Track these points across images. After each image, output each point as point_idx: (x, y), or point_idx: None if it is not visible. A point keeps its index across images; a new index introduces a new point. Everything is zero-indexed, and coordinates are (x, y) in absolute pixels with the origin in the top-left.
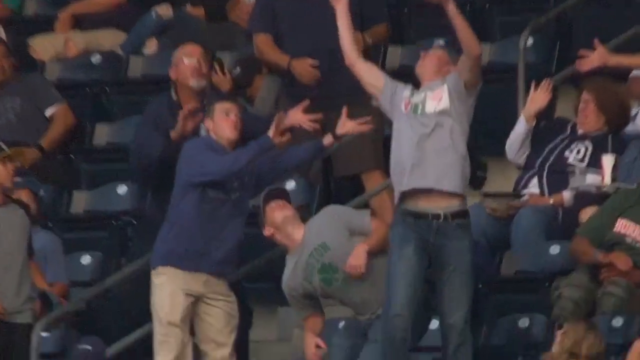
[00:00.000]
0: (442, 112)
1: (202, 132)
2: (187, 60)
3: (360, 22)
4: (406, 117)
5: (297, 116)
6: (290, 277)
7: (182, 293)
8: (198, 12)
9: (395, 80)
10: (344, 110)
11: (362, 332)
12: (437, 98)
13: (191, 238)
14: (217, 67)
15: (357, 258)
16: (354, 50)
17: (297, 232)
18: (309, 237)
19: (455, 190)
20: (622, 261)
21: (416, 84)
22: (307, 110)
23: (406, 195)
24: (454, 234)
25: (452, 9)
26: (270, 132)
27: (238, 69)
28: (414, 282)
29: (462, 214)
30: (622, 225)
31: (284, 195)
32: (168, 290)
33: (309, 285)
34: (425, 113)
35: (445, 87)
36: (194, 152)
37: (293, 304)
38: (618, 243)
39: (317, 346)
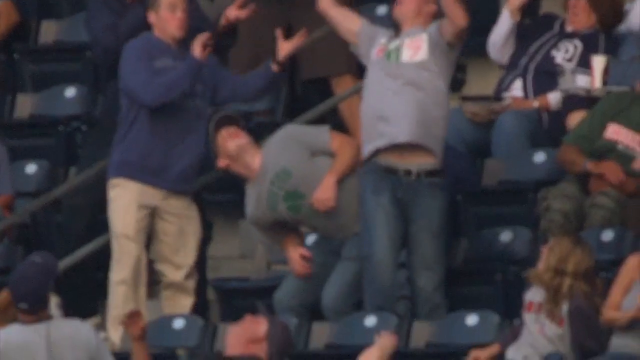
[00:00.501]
0: (420, 65)
1: None
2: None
3: None
4: (378, 65)
5: (233, 12)
6: (255, 208)
7: (135, 205)
8: None
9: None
10: (278, 33)
11: (333, 250)
12: (414, 47)
13: (146, 149)
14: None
15: (324, 191)
16: None
17: (254, 160)
18: (267, 163)
19: (430, 147)
20: (613, 171)
21: None
22: (269, 12)
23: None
24: (425, 191)
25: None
26: (195, 49)
27: None
28: (395, 236)
29: (436, 172)
30: (614, 131)
31: (235, 121)
32: (121, 202)
33: (275, 213)
34: (400, 62)
35: (425, 36)
36: (127, 71)
37: (264, 235)
38: (609, 150)
39: (303, 257)
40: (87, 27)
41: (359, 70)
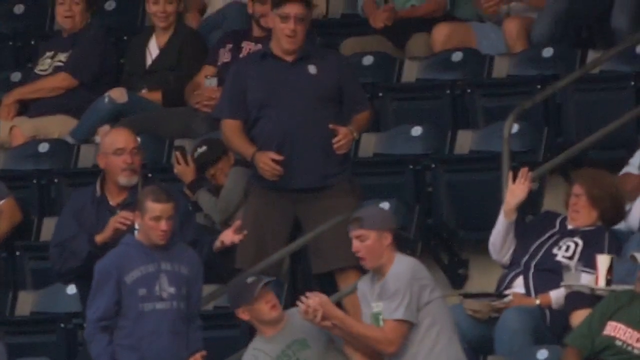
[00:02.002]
0: None
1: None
2: (118, 155)
3: (341, 110)
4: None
5: (229, 237)
6: (264, 355)
7: None
8: (155, 96)
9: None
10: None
11: None
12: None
13: (153, 358)
14: (179, 157)
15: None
16: None
17: (279, 323)
18: (290, 327)
19: None
20: None
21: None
22: (275, 203)
23: None
24: None
25: (336, 321)
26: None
27: (204, 148)
28: None
29: None
30: (612, 328)
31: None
32: None
33: None
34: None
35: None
36: (93, 288)
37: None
38: (608, 347)
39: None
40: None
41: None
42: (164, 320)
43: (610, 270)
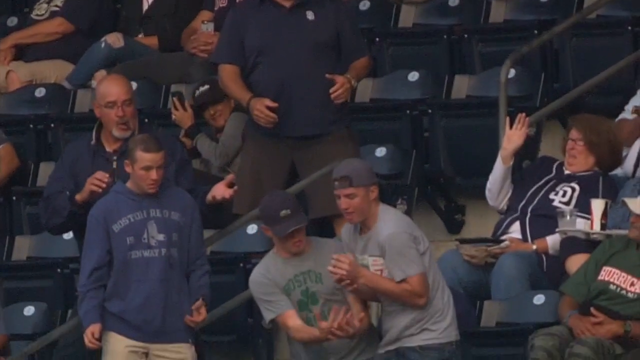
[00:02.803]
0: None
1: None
2: (110, 108)
3: (340, 57)
4: None
5: (220, 190)
6: (275, 270)
7: (125, 352)
8: (151, 41)
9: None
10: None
11: None
12: (378, 267)
13: (137, 306)
14: (176, 103)
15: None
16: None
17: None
18: (310, 257)
19: None
20: (580, 327)
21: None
22: (272, 149)
23: None
24: None
25: (363, 282)
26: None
27: (206, 87)
28: None
29: None
30: (607, 273)
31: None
32: (108, 352)
33: (283, 295)
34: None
35: (381, 260)
36: (85, 238)
37: (268, 299)
38: (602, 292)
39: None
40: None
41: None
42: (152, 268)
43: (604, 214)
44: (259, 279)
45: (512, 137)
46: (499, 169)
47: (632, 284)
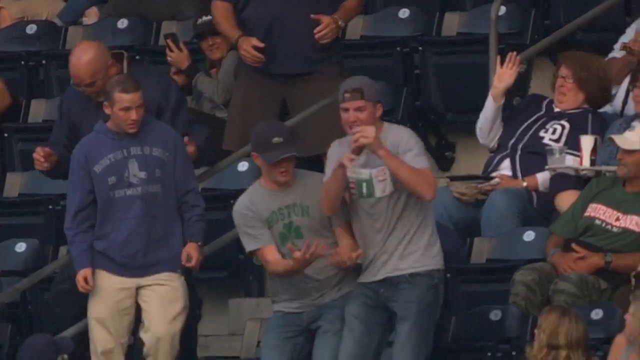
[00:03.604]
0: (391, 195)
1: None
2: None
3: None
4: (357, 203)
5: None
6: (259, 202)
7: (114, 289)
8: None
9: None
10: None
11: (300, 328)
12: (382, 177)
13: (119, 243)
14: (170, 44)
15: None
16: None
17: (286, 186)
18: (297, 190)
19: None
20: (563, 264)
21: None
22: (263, 86)
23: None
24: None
25: (383, 154)
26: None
27: (210, 17)
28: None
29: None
30: (592, 209)
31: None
32: (96, 290)
33: (264, 226)
34: (375, 198)
35: (384, 167)
36: (69, 179)
37: (249, 231)
38: (588, 227)
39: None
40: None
41: None
42: (135, 205)
43: (594, 150)
44: (242, 210)
45: (503, 75)
46: (490, 107)
47: (617, 219)
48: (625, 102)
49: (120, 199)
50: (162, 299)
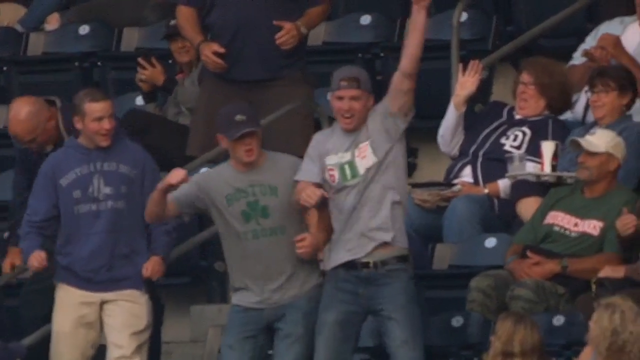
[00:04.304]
0: (370, 168)
1: None
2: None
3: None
4: (336, 189)
5: (177, 176)
6: (225, 175)
7: (77, 303)
8: None
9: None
10: None
11: (260, 327)
12: (363, 155)
13: (83, 258)
14: (142, 62)
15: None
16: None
17: (254, 166)
18: (266, 170)
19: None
20: (519, 270)
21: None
22: (227, 92)
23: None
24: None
25: (422, 18)
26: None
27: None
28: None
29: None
30: (552, 217)
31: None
32: (60, 303)
33: (223, 201)
34: (359, 176)
35: (365, 136)
36: (33, 189)
37: (184, 190)
38: (547, 234)
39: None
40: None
41: None
42: (100, 220)
43: (555, 156)
44: (207, 174)
45: (465, 83)
46: (452, 115)
47: (575, 225)
48: (586, 109)
49: (85, 214)
50: (126, 315)
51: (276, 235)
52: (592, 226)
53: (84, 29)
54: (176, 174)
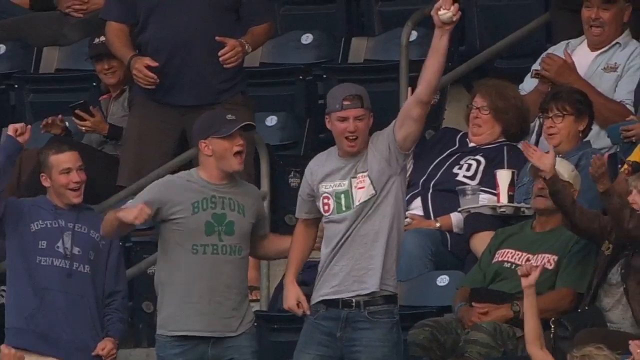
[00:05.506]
0: (366, 201)
1: None
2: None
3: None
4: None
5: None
6: (195, 182)
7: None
8: (22, 0)
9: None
10: None
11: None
12: (361, 185)
13: (43, 315)
14: (80, 114)
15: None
16: None
17: (229, 180)
18: (235, 188)
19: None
20: (466, 316)
21: None
22: (160, 116)
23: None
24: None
25: (444, 44)
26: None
27: (104, 38)
28: None
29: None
30: (500, 255)
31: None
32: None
33: (188, 209)
34: (352, 209)
35: (365, 173)
36: None
37: (146, 196)
38: (497, 273)
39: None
40: None
41: None
42: (61, 278)
43: (511, 185)
44: (171, 180)
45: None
46: None
47: (527, 260)
48: (539, 135)
49: (47, 267)
50: None
51: (234, 255)
52: (546, 259)
53: (1, 49)
54: (133, 212)
